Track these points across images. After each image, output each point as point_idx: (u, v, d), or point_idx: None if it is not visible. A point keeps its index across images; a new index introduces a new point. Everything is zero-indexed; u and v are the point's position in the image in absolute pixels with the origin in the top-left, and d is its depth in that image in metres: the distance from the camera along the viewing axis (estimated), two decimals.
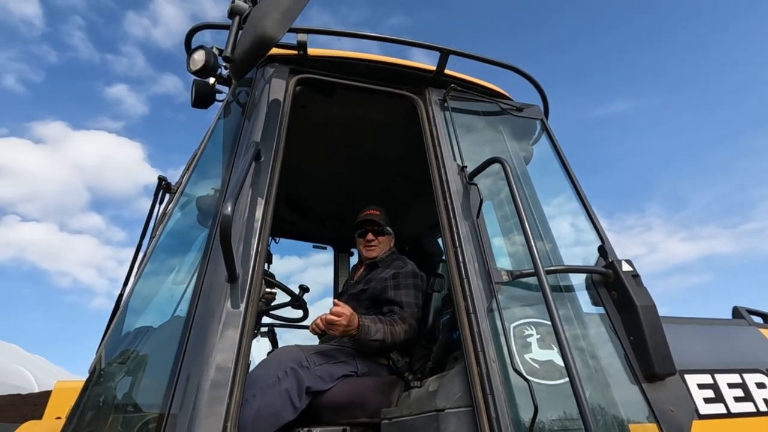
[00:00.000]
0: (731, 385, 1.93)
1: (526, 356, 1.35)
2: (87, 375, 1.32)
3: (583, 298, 1.68)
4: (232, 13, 1.40)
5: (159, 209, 1.78)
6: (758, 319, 2.53)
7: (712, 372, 1.92)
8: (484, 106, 2.03)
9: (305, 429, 1.57)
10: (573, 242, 2.00)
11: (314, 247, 3.21)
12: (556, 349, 1.41)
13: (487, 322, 1.35)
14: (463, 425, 1.25)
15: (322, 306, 3.39)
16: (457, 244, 1.50)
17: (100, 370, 1.33)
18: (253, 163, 1.44)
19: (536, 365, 1.33)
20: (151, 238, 1.62)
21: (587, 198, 1.82)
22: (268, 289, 1.63)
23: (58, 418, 2.18)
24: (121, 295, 1.62)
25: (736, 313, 2.46)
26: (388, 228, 2.23)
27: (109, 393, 1.31)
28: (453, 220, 1.56)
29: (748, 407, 1.88)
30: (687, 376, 1.85)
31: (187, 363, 1.15)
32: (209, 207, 1.51)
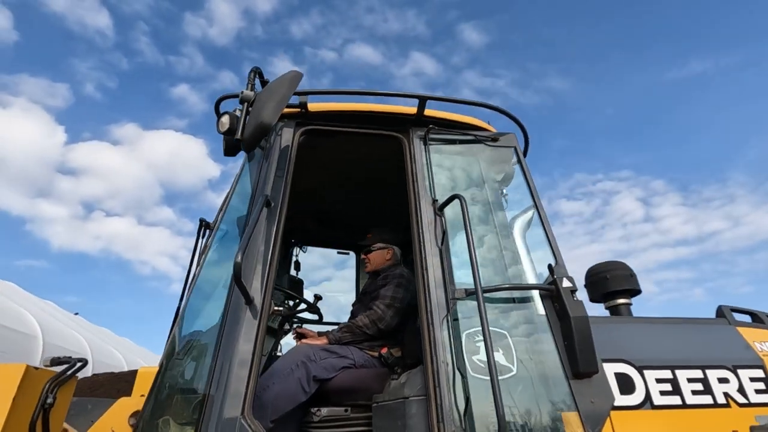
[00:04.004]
0: (691, 380, 2.17)
1: (474, 358, 1.71)
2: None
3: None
4: (242, 100, 1.85)
5: (202, 243, 2.32)
6: (746, 317, 2.67)
7: (672, 368, 2.16)
8: (463, 138, 2.35)
9: (315, 408, 2.04)
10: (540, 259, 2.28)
11: (338, 252, 3.69)
12: (501, 352, 1.76)
13: (442, 331, 1.73)
14: (422, 409, 1.66)
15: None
16: (425, 267, 1.88)
17: (167, 364, 1.88)
18: (265, 210, 1.90)
19: (482, 365, 1.69)
20: (198, 265, 2.14)
21: (548, 222, 2.11)
22: (275, 308, 2.11)
23: (142, 395, 2.85)
24: (178, 308, 2.17)
25: (719, 312, 2.61)
26: (380, 244, 2.64)
27: (173, 380, 1.85)
28: (422, 247, 1.93)
29: (705, 400, 2.12)
30: (646, 372, 2.11)
31: (221, 359, 1.64)
32: (236, 238, 2.00)
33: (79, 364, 1.72)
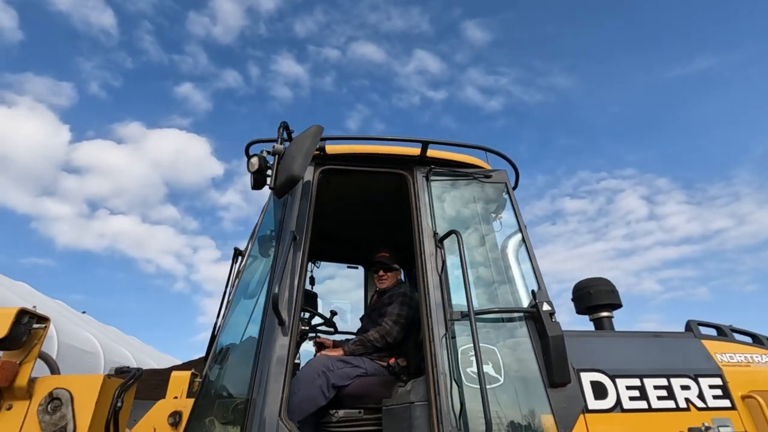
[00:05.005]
0: (657, 387, 2.50)
1: (468, 370, 2.06)
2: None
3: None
4: (274, 153, 2.20)
5: (236, 268, 2.68)
6: (712, 331, 3.00)
7: (641, 376, 2.50)
8: (461, 174, 2.69)
9: (333, 410, 2.39)
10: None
11: (348, 267, 4.04)
12: (490, 365, 2.11)
13: (441, 347, 2.07)
14: (425, 413, 2.01)
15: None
16: (427, 292, 2.23)
17: (210, 373, 2.23)
18: (293, 243, 2.25)
19: (474, 376, 2.04)
20: (233, 287, 2.50)
21: (533, 251, 2.45)
22: (302, 327, 2.46)
23: (176, 397, 3.21)
24: (215, 325, 2.52)
25: (688, 326, 2.95)
26: (395, 265, 2.99)
27: (217, 387, 2.20)
28: (425, 274, 2.27)
29: (668, 404, 2.45)
30: (618, 380, 2.45)
31: (260, 369, 1.99)
32: (267, 264, 2.35)
33: (138, 373, 2.07)
